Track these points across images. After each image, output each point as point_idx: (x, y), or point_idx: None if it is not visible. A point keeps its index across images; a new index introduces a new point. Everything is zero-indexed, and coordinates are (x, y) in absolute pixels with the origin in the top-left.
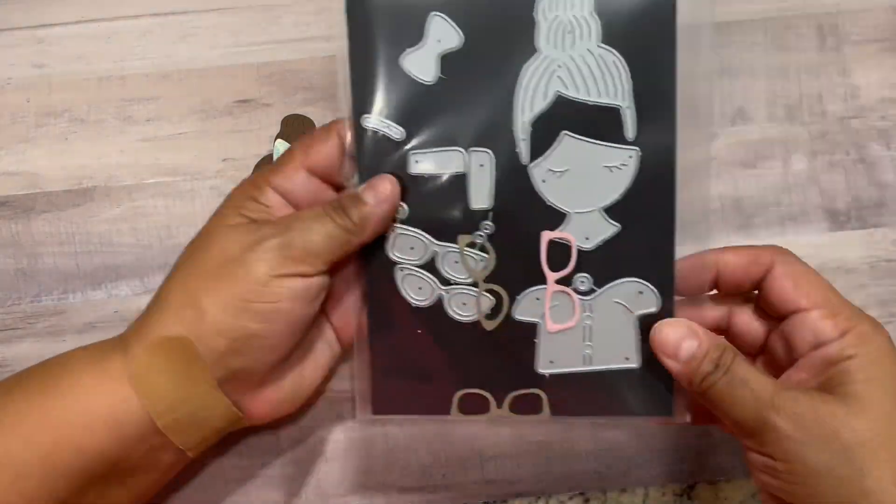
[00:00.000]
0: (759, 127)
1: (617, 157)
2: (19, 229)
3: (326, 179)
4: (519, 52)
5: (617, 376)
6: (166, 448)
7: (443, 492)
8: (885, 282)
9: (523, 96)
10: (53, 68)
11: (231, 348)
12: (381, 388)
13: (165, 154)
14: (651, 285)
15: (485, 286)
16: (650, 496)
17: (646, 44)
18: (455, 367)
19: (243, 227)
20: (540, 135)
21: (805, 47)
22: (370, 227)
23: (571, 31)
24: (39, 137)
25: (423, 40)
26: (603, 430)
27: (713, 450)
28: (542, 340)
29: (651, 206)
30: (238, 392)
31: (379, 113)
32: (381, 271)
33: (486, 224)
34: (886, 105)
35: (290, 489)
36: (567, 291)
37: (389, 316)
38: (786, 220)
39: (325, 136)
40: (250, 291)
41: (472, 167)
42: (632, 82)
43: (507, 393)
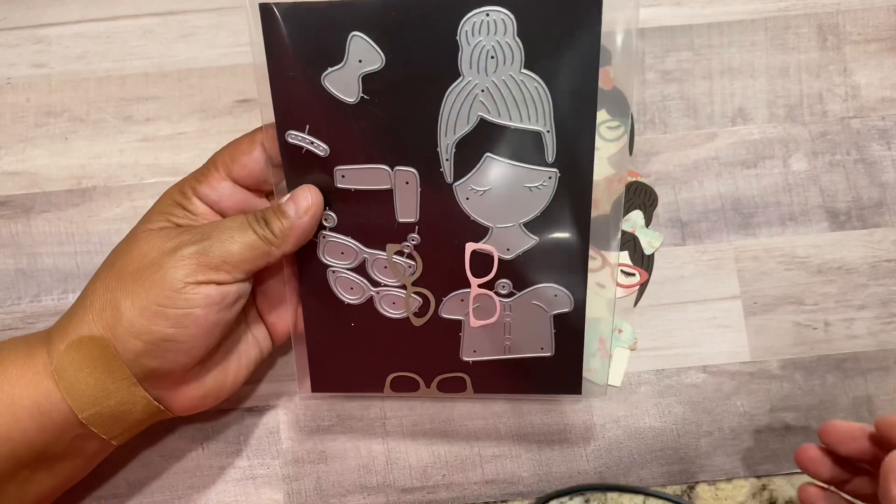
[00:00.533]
0: (759, 127)
1: (537, 177)
2: (19, 229)
3: (252, 188)
4: (442, 76)
5: (533, 362)
6: (91, 437)
7: (443, 492)
8: (885, 282)
9: (447, 119)
10: (53, 68)
11: (146, 350)
12: (319, 369)
13: (165, 154)
14: (565, 290)
15: (413, 289)
16: (650, 496)
17: (568, 70)
18: (387, 353)
19: (165, 231)
20: (463, 156)
21: (805, 47)
22: (291, 239)
23: (494, 56)
24: (39, 137)
25: (345, 60)
26: (603, 430)
27: (713, 450)
28: (466, 334)
29: (567, 221)
30: (158, 388)
31: (303, 130)
32: (314, 273)
33: (413, 236)
34: (886, 105)
35: (290, 489)
36: (489, 294)
37: (323, 312)
38: (786, 219)
39: (249, 148)
40: (165, 296)
41: (398, 184)
42: (553, 108)
43: (435, 376)
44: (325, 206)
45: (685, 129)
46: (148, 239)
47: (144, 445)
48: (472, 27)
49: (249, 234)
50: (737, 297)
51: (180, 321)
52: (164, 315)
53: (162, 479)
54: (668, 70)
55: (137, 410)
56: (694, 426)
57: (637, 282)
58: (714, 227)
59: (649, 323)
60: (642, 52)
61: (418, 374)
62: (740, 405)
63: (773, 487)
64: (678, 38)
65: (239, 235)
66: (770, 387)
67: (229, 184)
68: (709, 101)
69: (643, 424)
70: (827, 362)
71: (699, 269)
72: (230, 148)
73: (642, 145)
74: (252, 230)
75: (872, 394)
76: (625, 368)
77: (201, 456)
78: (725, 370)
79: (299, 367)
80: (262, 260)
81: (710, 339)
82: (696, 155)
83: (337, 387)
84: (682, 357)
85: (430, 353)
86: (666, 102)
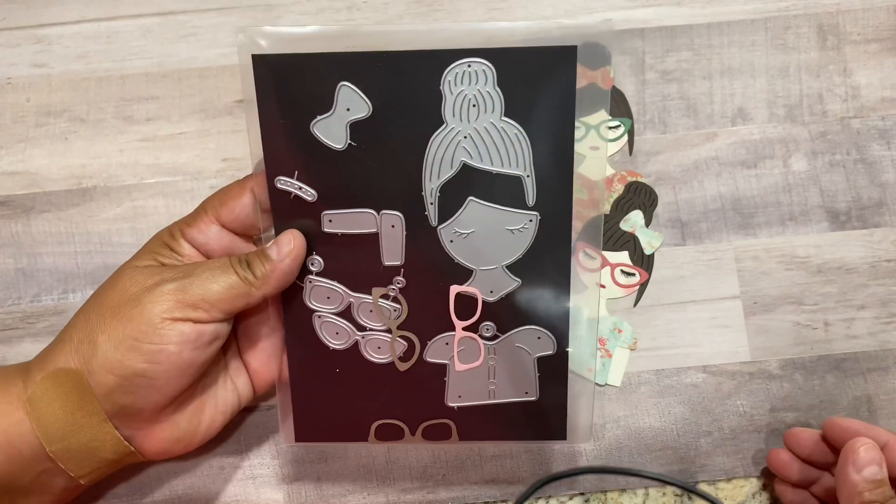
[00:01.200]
0: (759, 127)
1: (518, 220)
2: (19, 229)
3: (240, 233)
4: (427, 123)
5: (518, 407)
6: (58, 473)
7: (443, 492)
8: (885, 282)
9: (431, 164)
10: (53, 68)
11: (119, 385)
12: (303, 418)
13: (165, 154)
14: (548, 332)
15: (398, 332)
16: (650, 496)
17: (545, 117)
18: (371, 400)
19: (149, 269)
20: (447, 200)
21: (805, 47)
22: (272, 281)
23: (476, 104)
24: (39, 137)
25: (333, 108)
26: (603, 431)
27: (713, 450)
28: (451, 379)
29: (549, 263)
30: (129, 427)
31: (292, 175)
32: (299, 318)
33: (398, 279)
34: (886, 105)
35: (290, 489)
36: (473, 337)
37: (308, 357)
38: (786, 219)
39: (239, 194)
40: (140, 331)
41: (384, 228)
42: (532, 154)
43: (420, 423)
44: (311, 251)
45: (685, 129)
46: (131, 275)
47: None
48: (455, 77)
49: (231, 274)
50: (737, 297)
51: (154, 357)
52: (139, 350)
53: (162, 479)
54: (668, 70)
55: (107, 449)
56: (694, 426)
57: (637, 282)
58: (714, 227)
59: (649, 323)
60: (642, 52)
61: (403, 420)
62: (740, 405)
63: (773, 487)
64: (678, 38)
65: (220, 275)
66: (770, 387)
67: (217, 228)
68: (709, 101)
69: (643, 424)
70: (827, 362)
71: (699, 269)
72: (220, 193)
73: (642, 145)
74: (234, 271)
75: (872, 394)
76: (625, 368)
77: (201, 456)
78: (725, 370)
79: (283, 415)
80: (241, 301)
81: (710, 339)
82: (696, 155)
83: (321, 436)
84: (682, 357)
85: (415, 398)
86: (666, 102)
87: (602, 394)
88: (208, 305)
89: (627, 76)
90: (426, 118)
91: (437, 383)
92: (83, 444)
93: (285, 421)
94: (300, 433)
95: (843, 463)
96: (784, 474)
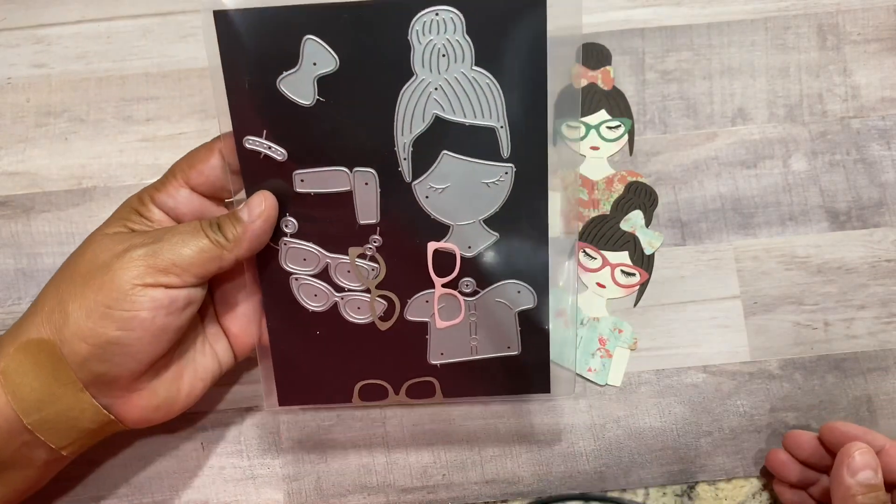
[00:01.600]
0: (759, 127)
1: (494, 173)
2: (19, 229)
3: (211, 196)
4: (396, 76)
5: (500, 362)
6: (38, 445)
7: (443, 492)
8: (885, 282)
9: (403, 118)
10: (53, 68)
11: (92, 353)
12: (285, 382)
13: (165, 154)
14: (528, 285)
15: (377, 292)
16: (650, 496)
17: (517, 66)
18: (354, 362)
19: (118, 235)
20: (421, 154)
21: (805, 47)
22: (244, 243)
23: (445, 54)
24: (39, 137)
25: (299, 63)
26: (603, 431)
27: (713, 450)
28: (432, 336)
29: (526, 216)
30: (107, 395)
31: (260, 135)
32: (276, 281)
33: (375, 238)
34: (886, 105)
35: (290, 489)
36: (453, 294)
37: (288, 321)
38: (786, 219)
39: (207, 156)
40: (112, 298)
41: (357, 186)
42: (505, 104)
43: (404, 382)
44: (284, 212)
45: (685, 129)
46: (100, 242)
47: (144, 445)
48: (423, 27)
49: (201, 238)
50: (737, 297)
51: (126, 324)
52: (111, 317)
53: (162, 479)
54: (668, 70)
55: (86, 418)
56: (694, 426)
57: (637, 282)
58: (714, 227)
59: (649, 323)
60: (642, 52)
61: (386, 380)
62: (740, 405)
63: (772, 487)
64: (678, 38)
65: (191, 239)
66: (770, 387)
67: (187, 191)
68: (709, 101)
69: (643, 424)
70: (827, 362)
71: (699, 269)
72: (188, 156)
73: (642, 145)
74: (204, 234)
75: (872, 394)
76: (625, 368)
77: (201, 456)
78: (725, 370)
79: (265, 380)
80: (213, 264)
81: (710, 339)
82: (696, 155)
83: (304, 399)
84: (682, 357)
85: (398, 357)
86: (666, 102)
87: (602, 394)
88: (180, 270)
89: (627, 76)
90: (395, 70)
91: (419, 341)
92: (61, 414)
93: (268, 386)
94: (283, 397)
95: (839, 466)
96: (782, 475)
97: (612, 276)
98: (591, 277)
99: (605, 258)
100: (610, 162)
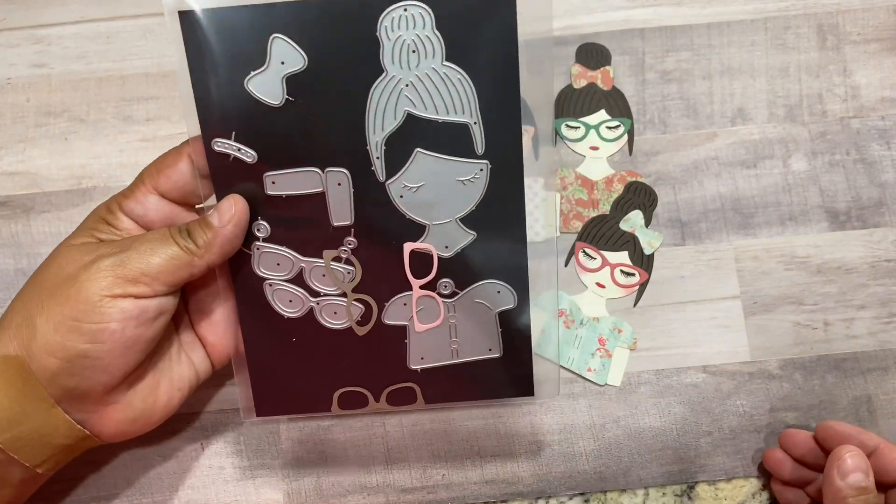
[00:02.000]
0: (759, 127)
1: (468, 170)
2: (19, 229)
3: (181, 202)
4: (366, 73)
5: (482, 365)
6: (13, 464)
7: (443, 492)
8: (885, 282)
9: (374, 116)
10: (53, 68)
11: (62, 368)
12: (263, 393)
13: None
14: (507, 285)
15: (353, 296)
16: (650, 496)
17: (489, 60)
18: (332, 369)
19: (85, 246)
20: (394, 152)
21: (805, 47)
22: (216, 249)
23: (415, 50)
24: (39, 137)
25: (267, 63)
26: (603, 431)
27: (713, 450)
28: (412, 340)
29: (503, 213)
30: (80, 410)
31: (229, 137)
32: (250, 288)
33: (349, 239)
34: (886, 105)
35: (290, 489)
36: (432, 295)
37: (263, 328)
38: (786, 220)
39: (175, 160)
40: (80, 311)
41: (330, 186)
42: (477, 99)
43: (384, 388)
44: (256, 216)
45: (685, 129)
46: (67, 254)
47: (144, 445)
48: (392, 22)
49: (171, 245)
50: (737, 297)
51: (95, 336)
52: (79, 330)
53: (162, 479)
54: (668, 70)
55: (59, 434)
56: (694, 426)
57: (637, 282)
58: (714, 227)
59: (649, 323)
60: (642, 52)
61: (366, 387)
62: (740, 405)
63: (771, 486)
64: (678, 38)
65: (160, 247)
66: (770, 387)
67: (156, 198)
68: (709, 101)
69: (643, 424)
70: (827, 362)
71: (699, 269)
72: (156, 161)
73: (642, 145)
74: (174, 241)
75: (872, 394)
76: (624, 368)
77: (201, 456)
78: (725, 370)
79: (242, 391)
80: (184, 272)
81: (710, 339)
82: (696, 155)
83: (283, 409)
84: (682, 357)
85: (377, 363)
86: (666, 102)
87: (602, 394)
88: (149, 279)
89: (627, 76)
90: (365, 67)
91: (398, 346)
92: (34, 431)
93: (245, 396)
94: (261, 408)
95: (830, 468)
96: (778, 473)
97: (611, 276)
98: (591, 277)
99: (604, 258)
100: (610, 162)
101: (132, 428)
